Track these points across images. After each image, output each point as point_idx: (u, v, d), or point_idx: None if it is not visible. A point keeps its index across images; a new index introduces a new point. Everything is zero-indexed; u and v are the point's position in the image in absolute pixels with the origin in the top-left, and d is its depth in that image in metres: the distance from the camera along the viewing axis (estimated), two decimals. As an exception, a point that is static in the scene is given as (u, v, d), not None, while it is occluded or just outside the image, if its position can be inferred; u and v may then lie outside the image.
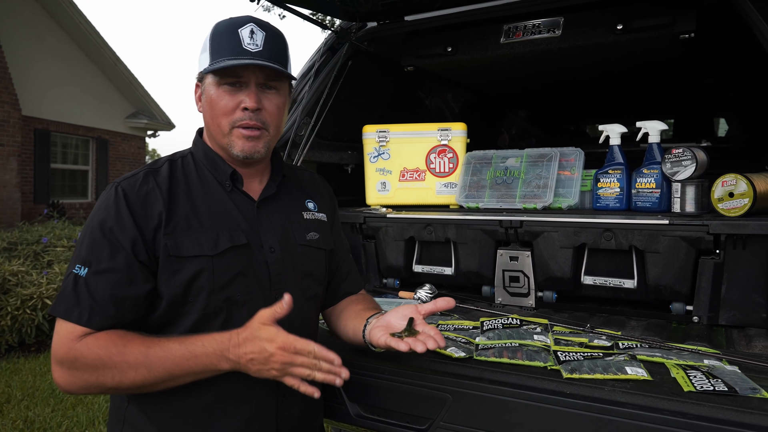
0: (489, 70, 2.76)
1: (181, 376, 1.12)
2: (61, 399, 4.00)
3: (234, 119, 1.25)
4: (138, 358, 1.10)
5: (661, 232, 1.79)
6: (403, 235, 2.27)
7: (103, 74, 13.27)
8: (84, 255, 1.16)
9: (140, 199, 1.20)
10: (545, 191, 2.18)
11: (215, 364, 1.11)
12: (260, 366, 1.09)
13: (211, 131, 1.30)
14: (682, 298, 1.84)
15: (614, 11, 2.18)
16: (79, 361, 1.10)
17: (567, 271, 1.97)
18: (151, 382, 1.11)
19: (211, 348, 1.11)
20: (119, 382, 1.10)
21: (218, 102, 1.25)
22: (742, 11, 1.71)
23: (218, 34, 1.26)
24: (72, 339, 1.11)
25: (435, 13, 2.36)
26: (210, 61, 1.25)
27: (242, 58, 1.22)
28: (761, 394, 1.15)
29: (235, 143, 1.26)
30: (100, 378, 1.10)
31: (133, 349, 1.11)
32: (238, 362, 1.10)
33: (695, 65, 2.83)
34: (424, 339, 1.18)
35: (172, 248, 1.18)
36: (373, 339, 1.28)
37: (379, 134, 2.49)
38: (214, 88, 1.26)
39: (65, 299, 1.14)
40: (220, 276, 1.21)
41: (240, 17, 1.28)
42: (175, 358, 1.10)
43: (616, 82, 3.15)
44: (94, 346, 1.10)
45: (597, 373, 1.26)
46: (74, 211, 12.01)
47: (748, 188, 1.71)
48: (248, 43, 1.24)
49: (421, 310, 1.27)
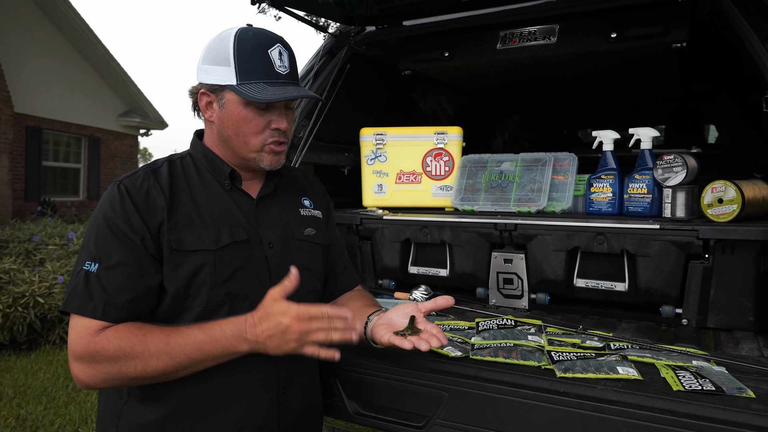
0: (485, 75, 2.80)
1: (202, 361, 1.16)
2: (54, 397, 4.00)
3: (265, 138, 1.31)
4: (159, 346, 1.13)
5: (653, 237, 1.84)
6: (399, 237, 2.30)
7: (95, 72, 13.21)
8: (93, 251, 1.19)
9: (143, 195, 1.24)
10: (539, 195, 2.22)
11: (234, 345, 1.15)
12: (278, 341, 1.13)
13: (233, 145, 1.33)
14: (672, 301, 1.88)
15: (609, 20, 2.23)
16: (101, 354, 1.12)
17: (560, 274, 2.01)
18: (174, 369, 1.14)
19: (229, 331, 1.15)
20: (142, 370, 1.13)
21: (248, 121, 1.29)
22: (733, 23, 1.76)
23: (246, 54, 1.27)
24: (90, 334, 1.14)
25: (433, 19, 2.40)
26: (238, 80, 1.26)
27: (276, 81, 1.27)
28: (747, 394, 1.20)
29: (265, 158, 1.33)
30: (122, 369, 1.12)
31: (153, 337, 1.14)
32: (257, 341, 1.14)
33: (686, 73, 2.88)
34: (428, 337, 1.23)
35: (175, 242, 1.22)
36: (375, 336, 1.32)
37: (376, 137, 2.52)
38: (241, 107, 1.28)
39: (78, 295, 1.16)
40: (222, 270, 1.25)
41: (264, 36, 1.30)
42: (195, 344, 1.14)
43: (609, 88, 3.20)
44: (115, 338, 1.13)
45: (589, 373, 1.29)
46: (65, 209, 11.95)
47: (737, 195, 1.75)
48: (279, 65, 1.29)
49: (422, 308, 1.31)
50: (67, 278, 5.00)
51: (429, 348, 1.20)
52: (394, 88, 3.11)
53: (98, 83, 13.37)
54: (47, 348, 4.96)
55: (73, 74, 12.51)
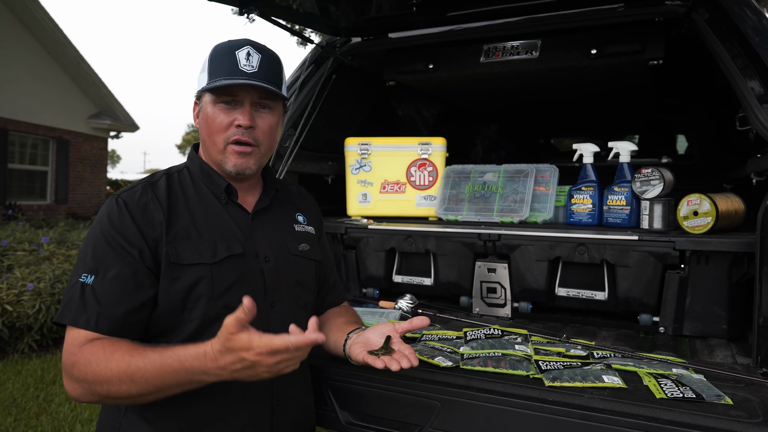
0: (468, 87, 2.86)
1: (165, 389, 1.11)
2: (24, 408, 3.89)
3: (228, 135, 1.31)
4: (121, 367, 1.09)
5: (631, 247, 1.90)
6: (384, 246, 2.33)
7: (65, 73, 12.93)
8: (91, 264, 1.19)
9: (141, 209, 1.25)
10: (521, 206, 2.27)
11: (198, 378, 1.10)
12: (249, 372, 1.08)
13: (207, 147, 1.36)
14: (650, 310, 1.95)
15: (589, 37, 2.31)
16: (76, 368, 1.12)
17: (542, 283, 2.06)
18: (138, 394, 1.10)
19: (188, 364, 1.08)
20: (107, 392, 1.10)
21: (214, 119, 1.31)
22: (707, 43, 1.84)
23: (216, 56, 1.32)
24: (75, 345, 1.14)
25: (418, 32, 2.45)
26: (208, 81, 1.31)
27: (238, 78, 1.28)
28: (725, 401, 1.26)
29: (229, 159, 1.32)
30: (93, 388, 1.11)
31: (117, 357, 1.10)
32: (223, 375, 1.08)
33: (660, 87, 2.99)
34: (399, 358, 1.24)
35: (173, 256, 1.22)
36: (352, 354, 1.35)
37: (361, 147, 2.55)
38: (211, 106, 1.32)
39: (73, 307, 1.16)
40: (219, 283, 1.25)
41: (238, 40, 1.34)
42: (155, 371, 1.09)
43: (587, 101, 3.29)
44: (90, 355, 1.11)
45: (576, 382, 1.34)
46: (32, 213, 11.65)
47: (712, 208, 1.83)
48: (244, 64, 1.30)
49: (398, 328, 1.34)
50: (36, 285, 4.88)
51: (399, 368, 1.22)
52: (378, 99, 3.15)
53: (68, 84, 13.09)
54: (15, 357, 4.83)
55: (41, 75, 12.22)
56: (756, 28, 1.78)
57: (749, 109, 1.65)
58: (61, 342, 5.13)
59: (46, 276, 5.01)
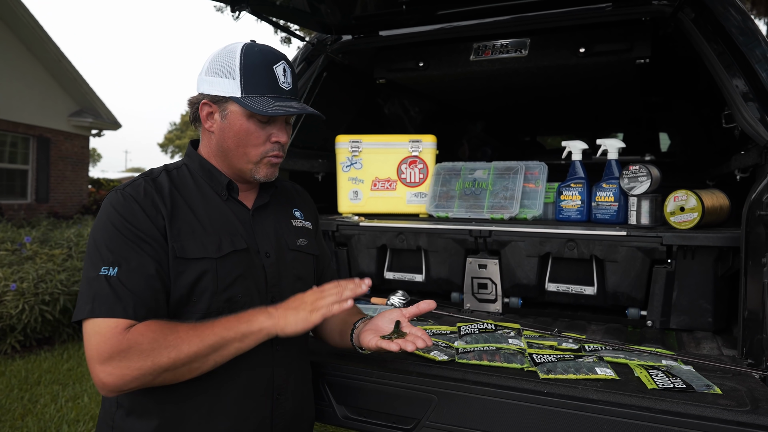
0: (458, 85, 2.88)
1: (229, 341, 1.16)
2: (8, 409, 3.84)
3: (266, 150, 1.34)
4: (189, 331, 1.15)
5: (620, 243, 1.94)
6: (375, 243, 2.34)
7: (45, 70, 12.71)
8: (109, 256, 1.18)
9: (148, 200, 1.25)
10: (512, 202, 2.30)
11: (257, 319, 1.18)
12: (294, 309, 1.19)
13: (232, 156, 1.35)
14: (638, 304, 1.99)
15: (577, 36, 2.34)
16: (134, 349, 1.11)
17: (532, 279, 2.09)
18: (203, 352, 1.14)
19: (255, 309, 1.20)
20: (175, 358, 1.12)
21: (250, 134, 1.32)
22: (693, 42, 1.88)
23: (251, 68, 1.30)
24: (118, 332, 1.13)
25: (408, 30, 2.46)
26: (243, 92, 1.29)
27: (280, 96, 1.31)
28: (714, 390, 1.29)
29: (261, 170, 1.36)
30: (156, 360, 1.12)
31: (182, 326, 1.16)
32: (277, 314, 1.19)
33: (646, 85, 3.04)
34: (413, 339, 1.27)
35: (179, 250, 1.23)
36: (363, 342, 1.36)
37: (352, 144, 2.56)
38: (244, 119, 1.31)
39: (104, 300, 1.14)
40: (223, 278, 1.27)
41: (270, 52, 1.33)
42: (222, 322, 1.17)
43: (574, 99, 3.34)
44: (147, 331, 1.13)
45: (570, 374, 1.37)
46: (13, 213, 11.46)
47: (698, 203, 1.87)
48: (283, 81, 1.32)
49: (406, 313, 1.37)
50: (19, 285, 4.81)
51: (415, 348, 1.25)
52: (369, 96, 3.16)
53: (48, 82, 12.87)
54: (-2, 358, 4.77)
55: (21, 72, 12.00)
56: (740, 27, 1.82)
57: (735, 107, 1.69)
58: (45, 343, 5.08)
59: (30, 276, 4.94)
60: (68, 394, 4.02)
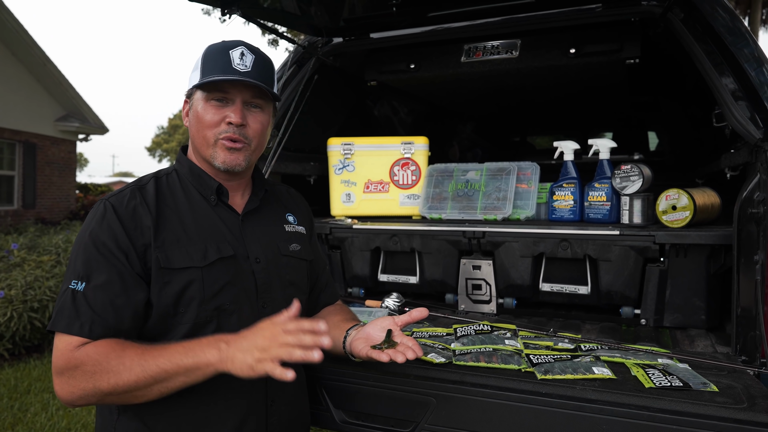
0: (449, 86, 2.88)
1: (173, 373, 1.11)
2: (-2, 419, 3.79)
3: (219, 131, 1.31)
4: (134, 359, 1.11)
5: (613, 242, 1.95)
6: (369, 246, 2.34)
7: (31, 75, 12.57)
8: (80, 270, 1.18)
9: (129, 214, 1.24)
10: (504, 203, 2.31)
11: (204, 353, 1.10)
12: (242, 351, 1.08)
13: (196, 144, 1.35)
14: (631, 303, 2.00)
15: (568, 36, 2.35)
16: (79, 369, 1.12)
17: (526, 279, 2.10)
18: (144, 381, 1.10)
19: (205, 339, 1.13)
20: (115, 384, 1.11)
21: (205, 115, 1.31)
22: (683, 42, 1.90)
23: (210, 54, 1.32)
24: (71, 349, 1.13)
25: (399, 32, 2.46)
26: (200, 78, 1.30)
27: (230, 76, 1.28)
28: (711, 388, 1.30)
29: (218, 155, 1.32)
30: (96, 383, 1.11)
31: (130, 352, 1.13)
32: (228, 348, 1.09)
33: (635, 85, 3.06)
34: (403, 350, 1.26)
35: (163, 261, 1.22)
36: (354, 350, 1.35)
37: (344, 147, 2.55)
38: (202, 102, 1.32)
39: (65, 314, 1.15)
40: (210, 286, 1.25)
41: (232, 41, 1.34)
42: (168, 353, 1.11)
43: (565, 99, 3.35)
44: (94, 353, 1.12)
45: (568, 374, 1.37)
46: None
47: (689, 202, 1.89)
48: (238, 63, 1.30)
49: (398, 321, 1.35)
50: (7, 292, 4.76)
51: (405, 360, 1.23)
52: (360, 99, 3.15)
53: (34, 86, 12.73)
54: (-13, 367, 4.70)
55: (6, 77, 11.86)
56: (728, 26, 1.84)
57: (725, 106, 1.70)
58: (34, 351, 5.02)
59: (18, 283, 4.89)
60: (59, 403, 3.97)
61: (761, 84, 1.68)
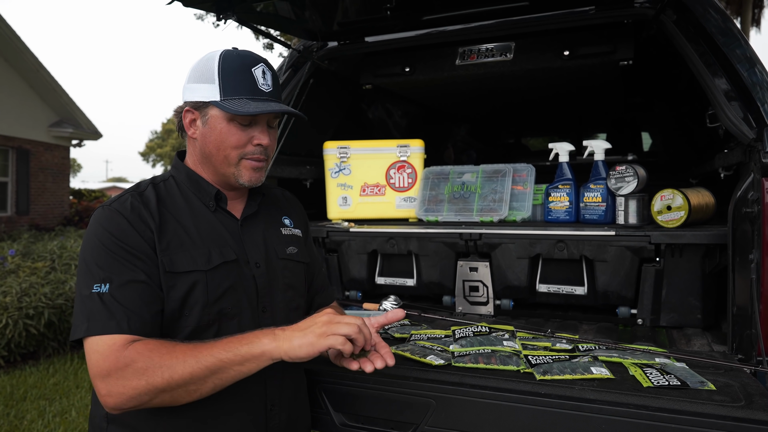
0: (444, 89, 2.89)
1: (227, 363, 1.12)
2: (-7, 427, 3.77)
3: (245, 152, 1.32)
4: (186, 352, 1.12)
5: (609, 243, 1.96)
6: (366, 249, 2.34)
7: (23, 80, 12.52)
8: (100, 274, 1.17)
9: (135, 215, 1.24)
10: (500, 205, 2.32)
11: (259, 341, 1.13)
12: (301, 330, 1.14)
13: (214, 161, 1.34)
14: (628, 303, 2.02)
15: (561, 39, 2.37)
16: (130, 367, 1.10)
17: (523, 280, 2.11)
18: (199, 375, 1.10)
19: (257, 330, 1.17)
20: (169, 378, 1.09)
21: (230, 136, 1.30)
22: (676, 44, 1.91)
23: (230, 72, 1.29)
24: (117, 349, 1.11)
25: (394, 35, 2.47)
26: (222, 96, 1.28)
27: (259, 98, 1.29)
28: (708, 387, 1.31)
29: (243, 173, 1.33)
30: (150, 380, 1.09)
31: (180, 346, 1.13)
32: (283, 335, 1.13)
33: (628, 86, 3.08)
34: (374, 359, 1.24)
35: (168, 264, 1.22)
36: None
37: (340, 150, 2.55)
38: (225, 122, 1.30)
39: (98, 317, 1.13)
40: (214, 290, 1.26)
41: (248, 56, 1.33)
42: (223, 343, 1.13)
43: (559, 101, 3.37)
44: (143, 349, 1.11)
45: (566, 374, 1.37)
46: (-8, 226, 11.26)
47: (684, 202, 1.90)
48: (262, 83, 1.31)
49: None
50: (2, 299, 4.73)
51: (373, 369, 1.22)
52: (355, 102, 3.16)
53: (26, 92, 12.68)
54: (-18, 374, 4.67)
55: (-2, 83, 11.84)
56: (720, 27, 1.85)
57: (718, 107, 1.72)
58: (29, 358, 4.99)
59: (13, 290, 4.86)
60: (55, 410, 3.95)
61: (754, 84, 1.70)
